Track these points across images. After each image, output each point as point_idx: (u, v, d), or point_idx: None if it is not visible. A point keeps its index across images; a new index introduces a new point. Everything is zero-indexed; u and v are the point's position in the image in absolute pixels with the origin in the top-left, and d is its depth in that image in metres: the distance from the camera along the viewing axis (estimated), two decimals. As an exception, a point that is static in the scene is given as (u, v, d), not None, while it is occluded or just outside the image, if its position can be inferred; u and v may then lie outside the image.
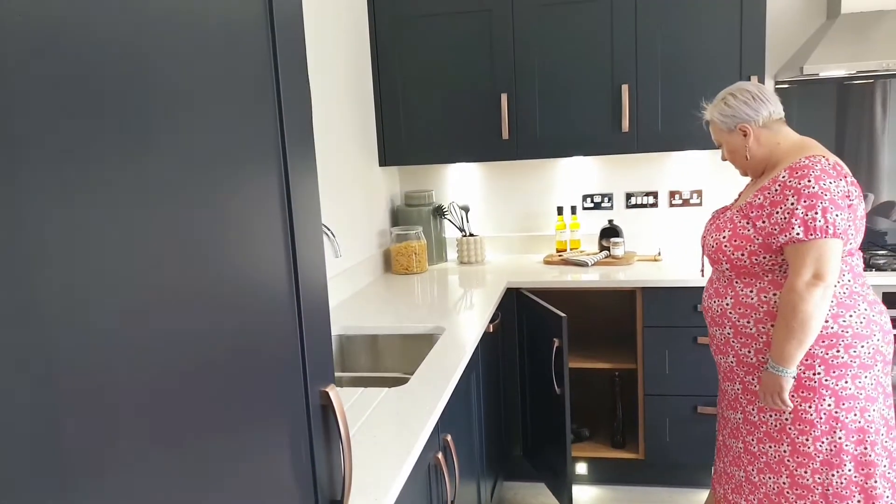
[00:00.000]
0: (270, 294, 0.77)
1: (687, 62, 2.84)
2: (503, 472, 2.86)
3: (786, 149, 1.89)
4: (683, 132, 2.88)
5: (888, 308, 2.54)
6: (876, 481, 1.82)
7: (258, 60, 0.76)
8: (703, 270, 2.75)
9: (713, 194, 3.24)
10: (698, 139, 2.89)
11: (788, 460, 1.87)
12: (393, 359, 2.30)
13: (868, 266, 2.66)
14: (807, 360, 1.80)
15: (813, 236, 1.73)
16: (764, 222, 1.82)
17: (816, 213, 1.72)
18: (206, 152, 0.65)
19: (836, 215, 1.73)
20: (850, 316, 1.80)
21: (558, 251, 3.29)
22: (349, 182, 2.81)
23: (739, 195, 2.06)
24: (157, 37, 0.58)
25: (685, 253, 3.12)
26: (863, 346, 1.80)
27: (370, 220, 3.06)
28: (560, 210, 3.27)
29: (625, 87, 2.88)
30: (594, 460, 2.99)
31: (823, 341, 1.80)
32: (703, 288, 2.64)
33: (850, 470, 1.82)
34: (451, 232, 3.48)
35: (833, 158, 1.81)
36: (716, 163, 3.21)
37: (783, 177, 1.79)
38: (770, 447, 1.90)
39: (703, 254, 2.07)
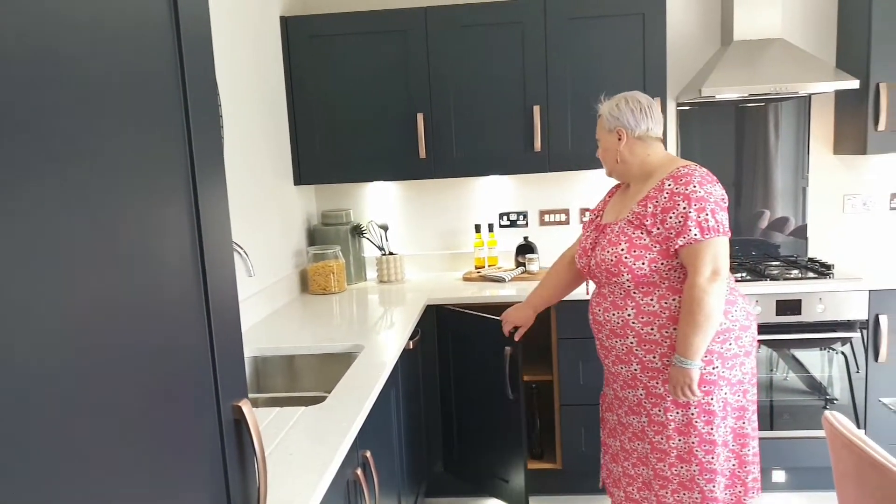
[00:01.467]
0: (179, 310, 0.76)
1: (594, 85, 2.97)
2: (424, 487, 2.87)
3: (655, 162, 2.05)
4: (592, 151, 3.01)
5: (780, 315, 2.72)
6: (750, 450, 2.07)
7: (165, 76, 0.76)
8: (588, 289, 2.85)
9: (621, 211, 3.37)
10: (606, 158, 3.01)
11: (698, 450, 2.00)
12: (311, 379, 2.28)
13: (762, 276, 2.84)
14: (706, 356, 1.94)
15: (708, 236, 1.88)
16: (659, 229, 1.93)
17: (707, 214, 1.88)
18: (109, 167, 0.65)
19: (722, 216, 1.92)
20: (736, 310, 2.00)
21: (477, 268, 3.35)
22: (262, 201, 2.77)
23: (604, 208, 2.18)
24: (62, 47, 0.58)
25: (597, 267, 3.23)
26: (746, 336, 2.01)
27: (286, 240, 3.03)
28: (478, 228, 3.33)
29: (536, 109, 2.99)
30: (514, 473, 3.03)
31: (719, 336, 1.95)
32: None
33: (752, 447, 2.06)
34: (370, 251, 3.48)
35: (704, 168, 2.00)
36: (623, 181, 3.35)
37: (669, 185, 1.93)
38: (680, 441, 2.02)
39: (588, 270, 2.14)
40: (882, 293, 2.68)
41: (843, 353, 2.74)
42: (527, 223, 3.44)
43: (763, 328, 2.74)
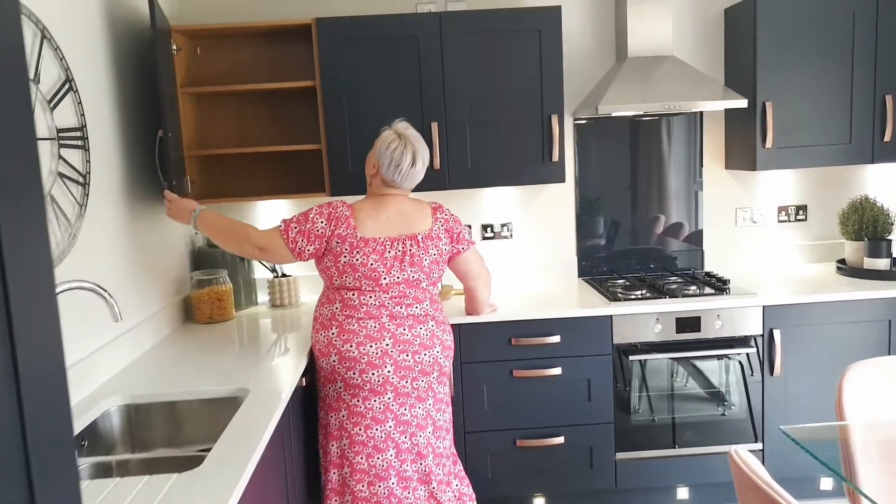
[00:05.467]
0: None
1: (492, 102, 2.90)
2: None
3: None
4: (492, 169, 2.93)
5: (680, 332, 2.73)
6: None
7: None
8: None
9: (523, 226, 3.33)
10: (506, 176, 2.95)
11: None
12: (195, 427, 2.06)
13: (662, 293, 2.84)
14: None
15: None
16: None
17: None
18: None
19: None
20: (322, 335, 2.29)
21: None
22: (133, 225, 2.52)
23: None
24: None
25: (500, 287, 3.16)
26: (326, 364, 2.31)
27: (164, 267, 2.77)
28: (375, 247, 3.18)
29: (434, 126, 2.87)
30: None
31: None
32: (520, 322, 2.69)
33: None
34: (261, 272, 3.26)
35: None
36: (524, 197, 3.30)
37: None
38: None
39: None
40: (775, 308, 2.74)
41: (739, 361, 2.78)
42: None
43: (664, 345, 2.75)
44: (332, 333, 2.20)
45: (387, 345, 2.18)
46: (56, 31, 2.00)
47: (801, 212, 3.35)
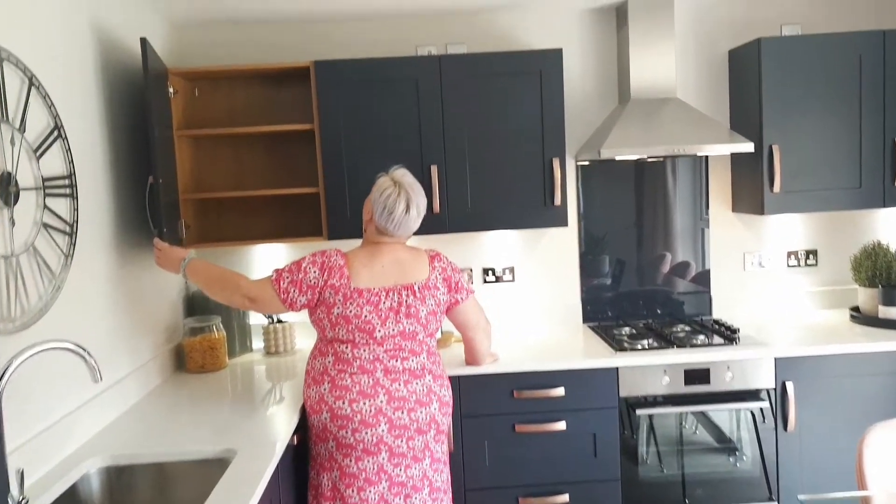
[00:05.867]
0: None
1: (493, 144, 2.84)
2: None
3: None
4: (492, 212, 2.86)
5: (689, 384, 2.63)
6: None
7: None
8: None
9: (525, 269, 3.24)
10: (507, 219, 2.88)
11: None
12: (180, 490, 1.95)
13: (669, 342, 2.74)
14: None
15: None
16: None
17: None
18: None
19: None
20: (313, 391, 2.20)
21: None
22: (123, 272, 2.44)
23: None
24: None
25: (502, 333, 3.06)
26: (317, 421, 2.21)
27: (155, 314, 2.68)
28: (374, 292, 3.10)
29: (433, 168, 2.81)
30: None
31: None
32: (523, 373, 2.59)
33: None
34: (256, 318, 3.17)
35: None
36: (526, 239, 3.23)
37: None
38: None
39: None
40: (788, 360, 2.63)
41: (751, 412, 2.67)
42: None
43: (672, 398, 2.64)
44: (324, 389, 2.11)
45: (381, 401, 2.08)
46: (45, 78, 1.94)
47: (811, 256, 3.27)
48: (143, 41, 2.38)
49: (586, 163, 3.17)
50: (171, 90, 2.74)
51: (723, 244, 3.26)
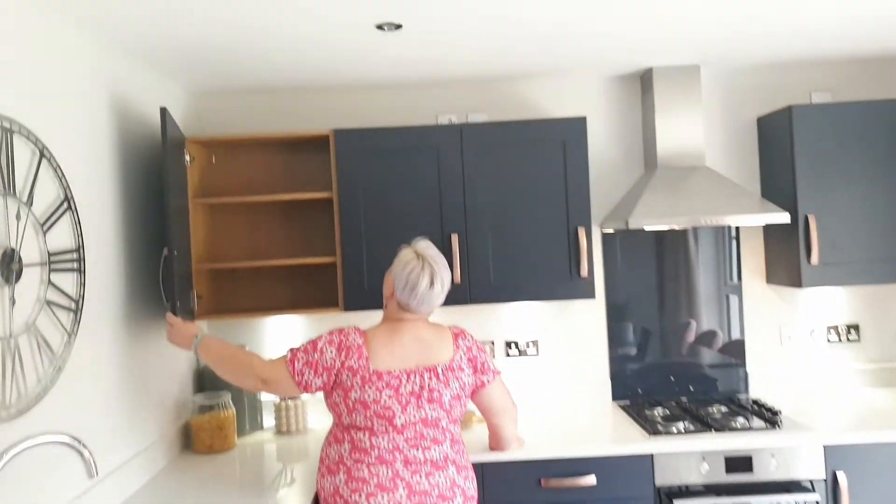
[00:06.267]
0: None
1: (516, 213, 2.74)
2: None
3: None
4: (516, 283, 2.74)
5: (730, 472, 2.43)
6: None
7: None
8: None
9: (550, 343, 3.10)
10: (531, 290, 2.75)
11: None
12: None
13: (706, 425, 2.56)
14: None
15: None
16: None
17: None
18: None
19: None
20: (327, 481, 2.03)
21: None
22: (130, 349, 2.33)
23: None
24: None
25: (527, 412, 2.89)
26: None
27: (163, 391, 2.56)
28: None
29: (454, 237, 2.71)
30: None
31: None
32: (551, 460, 2.42)
33: None
34: (268, 394, 3.03)
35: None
36: (551, 310, 3.09)
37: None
38: None
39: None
40: (838, 449, 2.43)
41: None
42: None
43: (713, 488, 2.44)
44: (340, 480, 1.95)
45: (401, 496, 1.91)
46: (56, 149, 1.88)
47: (852, 331, 3.09)
48: (163, 111, 2.34)
49: (610, 231, 3.06)
50: (187, 158, 2.69)
51: (758, 317, 3.10)
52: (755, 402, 2.80)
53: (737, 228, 3.10)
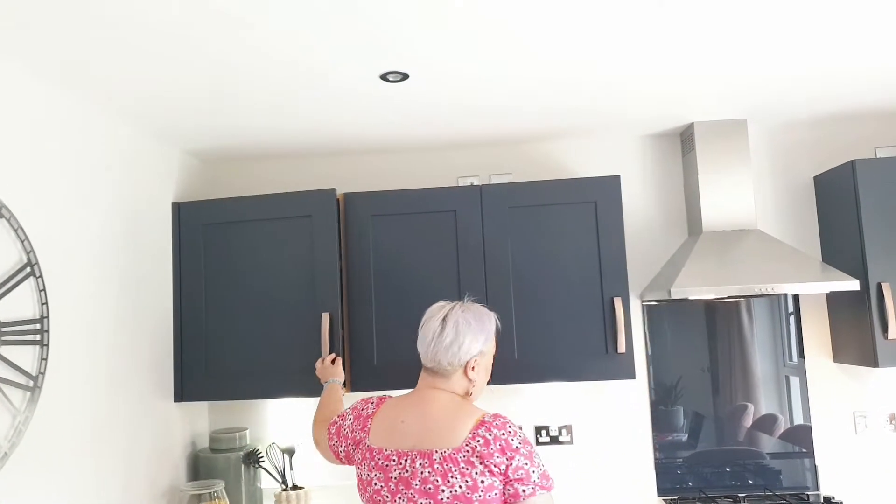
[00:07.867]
0: None
1: (543, 282, 2.46)
2: None
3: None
4: (543, 360, 2.43)
5: None
6: None
7: None
8: None
9: (585, 428, 2.74)
10: (561, 370, 2.43)
11: None
12: None
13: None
14: None
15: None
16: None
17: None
18: None
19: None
20: None
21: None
22: (109, 435, 2.09)
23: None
24: None
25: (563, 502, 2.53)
26: None
27: (148, 478, 2.30)
28: (405, 453, 2.64)
29: (474, 309, 2.43)
30: None
31: None
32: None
33: None
34: (268, 481, 2.74)
35: None
36: (588, 390, 2.75)
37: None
38: None
39: None
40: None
41: None
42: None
43: None
44: None
45: None
46: (17, 208, 1.71)
47: (941, 418, 2.66)
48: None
49: (653, 303, 2.74)
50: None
51: (825, 400, 2.69)
52: (827, 499, 2.37)
53: (795, 301, 2.74)
